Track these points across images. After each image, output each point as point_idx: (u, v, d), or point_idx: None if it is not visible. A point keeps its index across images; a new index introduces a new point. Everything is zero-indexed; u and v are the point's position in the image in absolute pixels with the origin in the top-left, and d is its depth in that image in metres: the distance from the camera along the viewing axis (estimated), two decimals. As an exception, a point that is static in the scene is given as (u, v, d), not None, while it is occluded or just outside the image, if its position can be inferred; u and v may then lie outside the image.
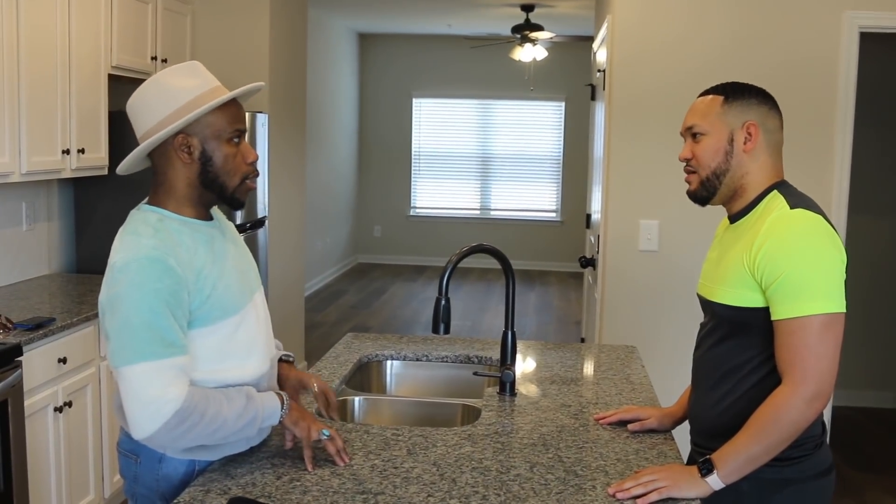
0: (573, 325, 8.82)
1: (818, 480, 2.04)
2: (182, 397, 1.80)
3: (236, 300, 1.96)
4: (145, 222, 1.90)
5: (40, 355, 3.36)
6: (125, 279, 1.81)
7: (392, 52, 12.32)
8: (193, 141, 1.91)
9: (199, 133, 1.91)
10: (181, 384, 1.81)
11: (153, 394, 1.79)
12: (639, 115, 4.26)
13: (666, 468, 1.94)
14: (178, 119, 1.88)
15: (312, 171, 9.75)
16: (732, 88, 2.09)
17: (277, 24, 5.89)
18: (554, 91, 12.01)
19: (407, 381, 3.04)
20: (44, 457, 3.44)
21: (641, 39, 4.24)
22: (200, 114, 1.88)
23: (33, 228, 4.46)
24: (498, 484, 1.91)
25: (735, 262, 2.01)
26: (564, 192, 12.16)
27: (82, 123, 4.19)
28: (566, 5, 9.09)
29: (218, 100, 1.90)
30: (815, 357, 1.88)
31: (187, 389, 1.82)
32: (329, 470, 1.97)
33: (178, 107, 1.89)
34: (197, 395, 1.83)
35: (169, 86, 1.91)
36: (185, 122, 1.88)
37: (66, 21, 4.00)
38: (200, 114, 1.88)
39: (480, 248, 2.57)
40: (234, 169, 1.96)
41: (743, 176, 2.06)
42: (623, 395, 2.63)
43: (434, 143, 12.41)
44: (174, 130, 1.88)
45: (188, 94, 1.90)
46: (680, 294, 4.20)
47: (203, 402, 1.83)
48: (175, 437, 1.82)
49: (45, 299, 4.00)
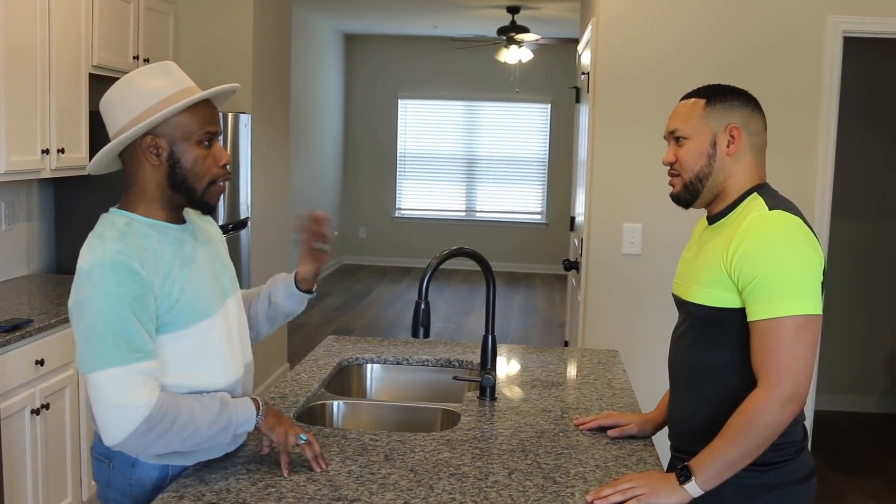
0: (557, 328, 8.82)
1: (799, 485, 2.03)
2: (152, 403, 1.77)
3: (207, 304, 1.93)
4: (112, 226, 1.87)
5: (17, 357, 3.32)
6: (90, 284, 1.78)
7: (378, 53, 12.30)
8: (161, 142, 1.88)
9: (168, 134, 1.88)
10: (150, 389, 1.78)
11: (121, 400, 1.76)
12: (623, 118, 4.25)
13: (644, 475, 1.93)
14: (147, 119, 1.85)
15: (297, 171, 9.72)
16: (714, 91, 2.08)
17: (261, 24, 5.86)
18: (540, 93, 12.01)
19: (387, 385, 3.02)
20: (20, 459, 3.39)
21: (625, 42, 4.23)
22: (167, 114, 1.85)
23: (12, 228, 4.42)
24: (475, 491, 1.90)
25: (711, 261, 2.00)
26: (550, 194, 12.16)
27: (62, 123, 4.15)
28: (552, 7, 9.09)
29: (186, 100, 1.87)
30: (791, 359, 1.87)
31: (157, 395, 1.79)
32: (305, 476, 1.94)
33: (148, 107, 1.86)
34: (168, 401, 1.80)
35: (139, 85, 1.88)
36: (152, 122, 1.85)
37: (46, 19, 3.96)
38: (167, 114, 1.85)
39: (461, 251, 2.55)
40: (204, 172, 1.92)
41: (726, 179, 2.05)
42: (604, 399, 2.62)
43: (420, 144, 12.40)
44: (141, 131, 1.86)
45: (158, 94, 1.87)
46: (663, 298, 4.18)
47: (174, 409, 1.80)
48: (145, 443, 1.80)
49: (24, 300, 3.96)
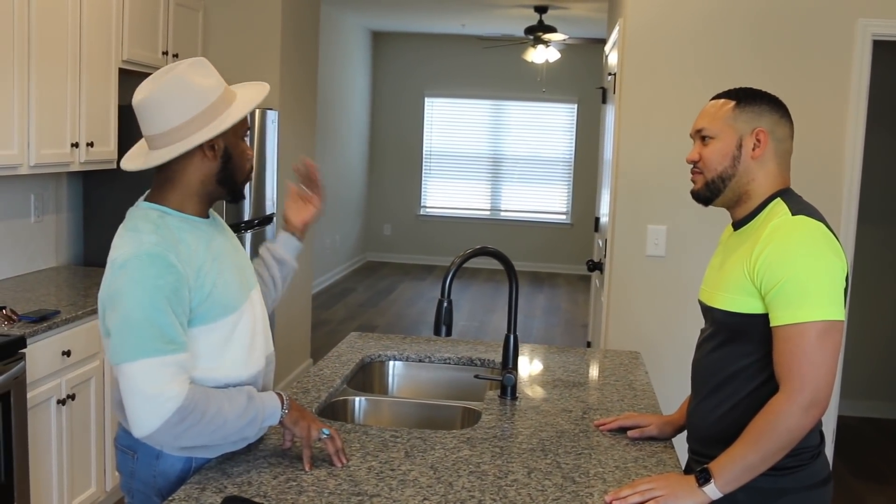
0: (580, 328, 8.80)
1: (815, 490, 2.02)
2: (183, 395, 1.80)
3: (235, 298, 1.96)
4: (146, 219, 1.90)
5: (44, 347, 3.37)
6: (126, 275, 1.81)
7: (405, 50, 12.31)
8: (219, 140, 1.94)
9: (225, 132, 1.94)
10: (182, 381, 1.81)
11: (154, 391, 1.78)
12: (648, 120, 4.24)
13: (663, 477, 1.93)
14: (212, 120, 1.90)
15: (323, 168, 9.69)
16: (745, 94, 2.08)
17: (289, 21, 5.89)
18: (566, 93, 11.99)
19: (409, 383, 3.03)
20: (46, 449, 3.44)
21: (653, 43, 4.22)
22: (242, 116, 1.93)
23: (41, 220, 4.47)
24: (494, 489, 1.91)
25: (735, 268, 2.01)
26: (575, 194, 12.13)
27: (92, 117, 4.20)
28: (580, 7, 9.07)
29: (250, 105, 1.95)
30: (813, 365, 1.86)
31: (188, 387, 1.82)
32: (326, 471, 1.96)
33: (207, 106, 1.90)
34: (198, 394, 1.83)
35: (194, 85, 1.90)
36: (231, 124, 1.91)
37: (77, 14, 4.00)
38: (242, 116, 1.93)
39: (484, 251, 2.56)
40: (243, 164, 2.01)
41: (749, 182, 2.05)
42: (625, 401, 2.62)
43: (445, 142, 12.40)
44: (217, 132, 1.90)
45: (212, 95, 1.91)
46: (686, 301, 4.18)
47: (204, 401, 1.83)
48: (176, 434, 1.82)
49: (52, 291, 4.01)
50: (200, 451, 1.96)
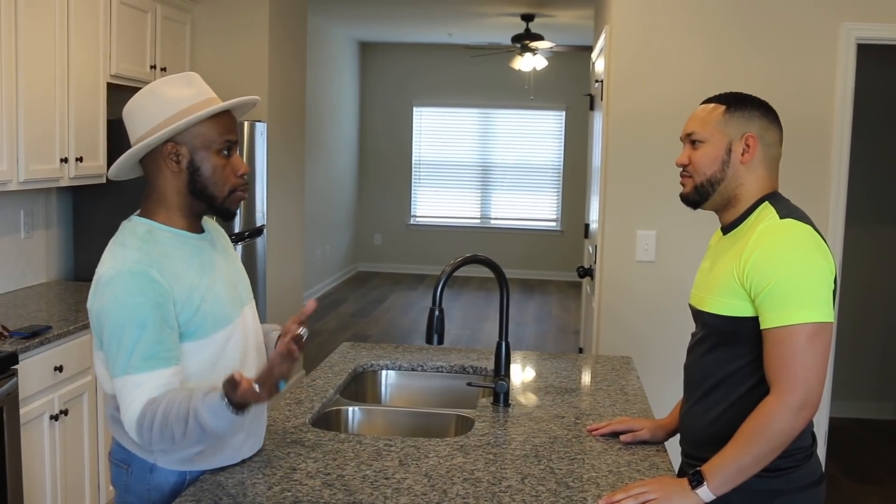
0: (572, 335, 8.82)
1: (808, 491, 2.04)
2: (141, 404, 1.81)
3: (226, 313, 1.96)
4: (133, 234, 1.91)
5: (36, 363, 3.36)
6: (110, 293, 1.84)
7: (393, 60, 12.34)
8: (182, 150, 1.92)
9: (189, 142, 1.92)
10: (144, 392, 1.82)
11: (125, 404, 1.83)
12: (636, 126, 4.26)
13: (656, 480, 1.95)
14: (169, 126, 1.89)
15: (312, 179, 9.76)
16: (735, 99, 2.10)
17: (277, 33, 5.90)
18: (554, 100, 12.02)
19: (402, 392, 3.04)
20: (39, 465, 3.43)
21: (639, 50, 4.24)
22: (190, 122, 1.90)
23: (31, 236, 4.47)
24: (489, 496, 1.91)
25: (725, 271, 2.02)
26: (564, 201, 12.16)
27: (81, 132, 4.20)
28: (566, 15, 9.11)
29: (209, 109, 1.91)
30: (803, 366, 1.88)
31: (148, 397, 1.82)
32: (320, 480, 1.97)
33: (170, 115, 1.90)
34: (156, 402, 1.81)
35: (163, 94, 1.92)
36: (174, 129, 1.89)
37: (64, 29, 4.01)
38: (190, 122, 1.90)
39: (475, 258, 2.57)
40: (223, 180, 1.96)
41: (737, 186, 2.07)
42: (617, 406, 2.63)
43: (434, 151, 12.42)
44: (163, 138, 1.90)
45: (181, 104, 1.91)
46: (676, 305, 4.19)
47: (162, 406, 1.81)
48: (147, 440, 1.84)
49: (43, 307, 4.01)
50: (194, 463, 1.96)
